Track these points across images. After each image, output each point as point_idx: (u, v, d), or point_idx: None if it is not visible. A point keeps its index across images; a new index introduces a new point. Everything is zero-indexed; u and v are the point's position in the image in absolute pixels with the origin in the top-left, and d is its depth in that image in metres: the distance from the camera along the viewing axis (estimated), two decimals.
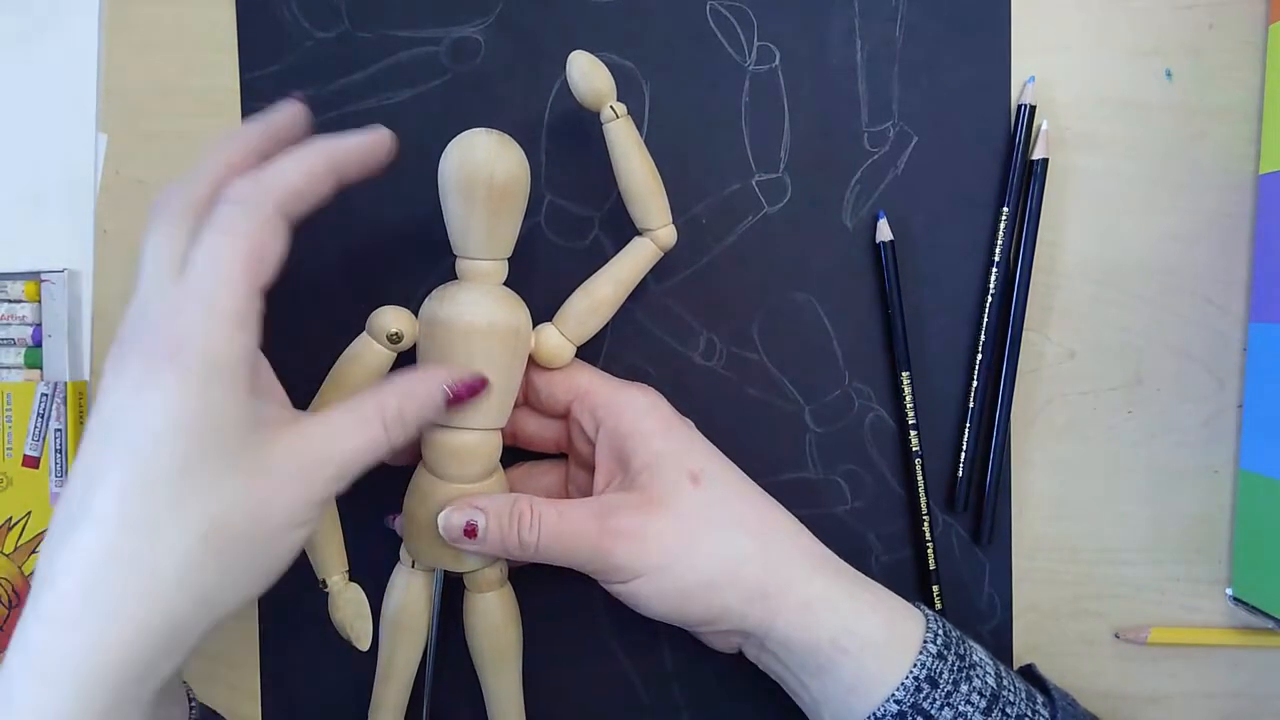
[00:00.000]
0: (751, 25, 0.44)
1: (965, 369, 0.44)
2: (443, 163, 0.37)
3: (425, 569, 0.40)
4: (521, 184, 0.37)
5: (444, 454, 0.38)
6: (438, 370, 0.36)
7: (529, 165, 0.37)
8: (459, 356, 0.37)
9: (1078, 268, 0.44)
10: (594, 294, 0.40)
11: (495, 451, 0.39)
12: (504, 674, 0.41)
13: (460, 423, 0.37)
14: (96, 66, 0.45)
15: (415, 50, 0.44)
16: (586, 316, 0.40)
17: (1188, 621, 0.45)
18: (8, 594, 0.44)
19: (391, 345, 0.38)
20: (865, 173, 0.44)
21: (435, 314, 0.37)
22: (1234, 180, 0.44)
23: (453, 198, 0.37)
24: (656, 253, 0.40)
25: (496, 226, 0.37)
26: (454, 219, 0.37)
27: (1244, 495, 0.44)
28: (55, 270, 0.44)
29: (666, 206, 0.40)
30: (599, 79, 0.38)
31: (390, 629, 0.40)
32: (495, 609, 0.40)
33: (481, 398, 0.37)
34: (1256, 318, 0.44)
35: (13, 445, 0.44)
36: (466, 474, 0.38)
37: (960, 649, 0.37)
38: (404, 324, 0.38)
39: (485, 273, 0.38)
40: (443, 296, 0.38)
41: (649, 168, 0.39)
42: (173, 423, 0.29)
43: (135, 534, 0.29)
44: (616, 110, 0.38)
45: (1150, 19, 0.44)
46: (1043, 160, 0.43)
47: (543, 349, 0.39)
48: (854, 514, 0.45)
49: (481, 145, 0.36)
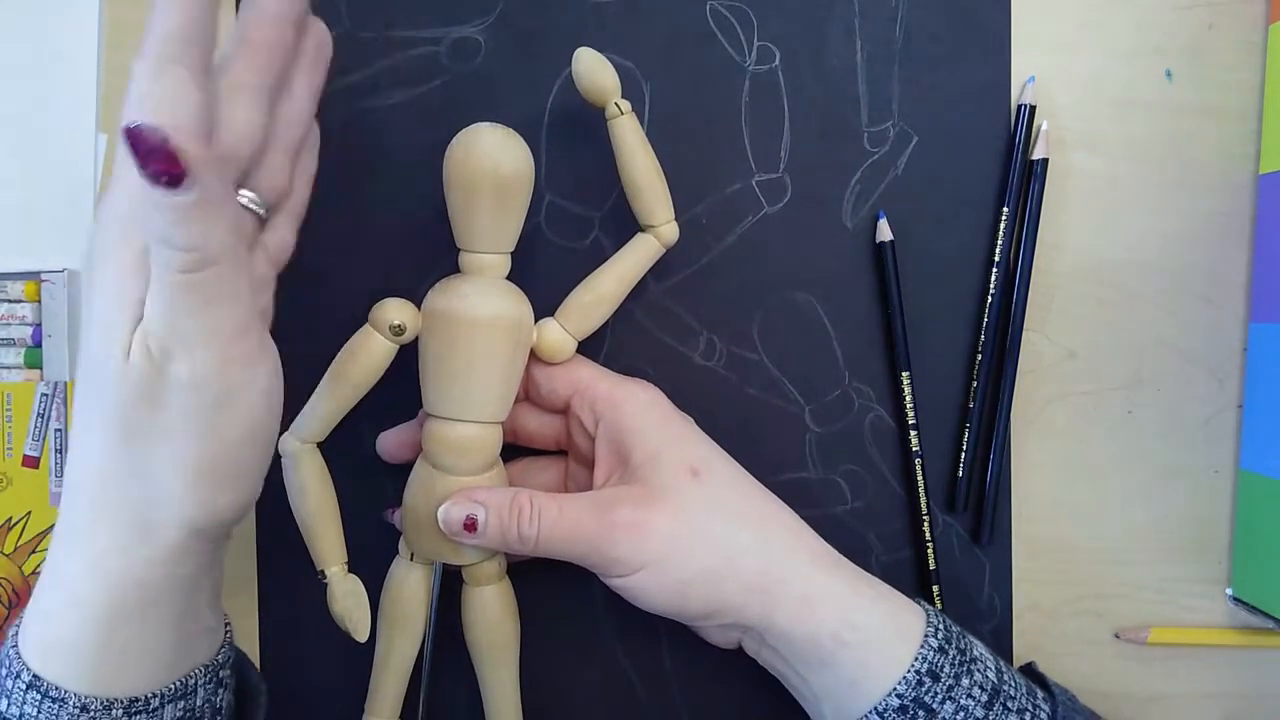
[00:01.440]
0: (752, 25, 0.44)
1: (965, 369, 0.44)
2: (448, 156, 0.37)
3: (424, 562, 0.40)
4: (526, 178, 0.37)
5: (444, 446, 0.38)
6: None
7: (533, 159, 0.37)
8: (461, 348, 0.37)
9: (1078, 268, 0.44)
10: (596, 289, 0.40)
11: (496, 444, 0.39)
12: (501, 668, 0.41)
13: (461, 415, 0.38)
14: (96, 66, 0.45)
15: (416, 50, 0.44)
16: (589, 311, 0.40)
17: (1188, 621, 0.45)
18: (8, 594, 0.44)
19: (394, 337, 0.38)
20: (865, 173, 0.44)
21: (437, 306, 0.38)
22: (1234, 180, 0.44)
23: (457, 191, 0.37)
24: (659, 249, 0.40)
25: (500, 220, 0.37)
26: (458, 212, 0.37)
27: (1244, 495, 0.44)
28: (55, 270, 0.44)
29: (669, 203, 0.40)
30: (605, 76, 0.38)
31: (388, 621, 0.40)
32: (493, 603, 0.40)
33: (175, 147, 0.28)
34: (1256, 318, 0.44)
35: (13, 445, 0.44)
36: (467, 467, 0.38)
37: (961, 643, 0.37)
38: (407, 316, 0.38)
39: (488, 266, 0.38)
40: (445, 289, 0.38)
41: (653, 164, 0.39)
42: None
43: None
44: (621, 107, 0.38)
45: (1150, 19, 0.44)
46: (1043, 160, 0.43)
47: (545, 343, 0.40)
48: (854, 514, 0.45)
49: (487, 139, 0.36)
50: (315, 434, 0.39)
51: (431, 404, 0.38)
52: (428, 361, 0.38)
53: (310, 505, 0.39)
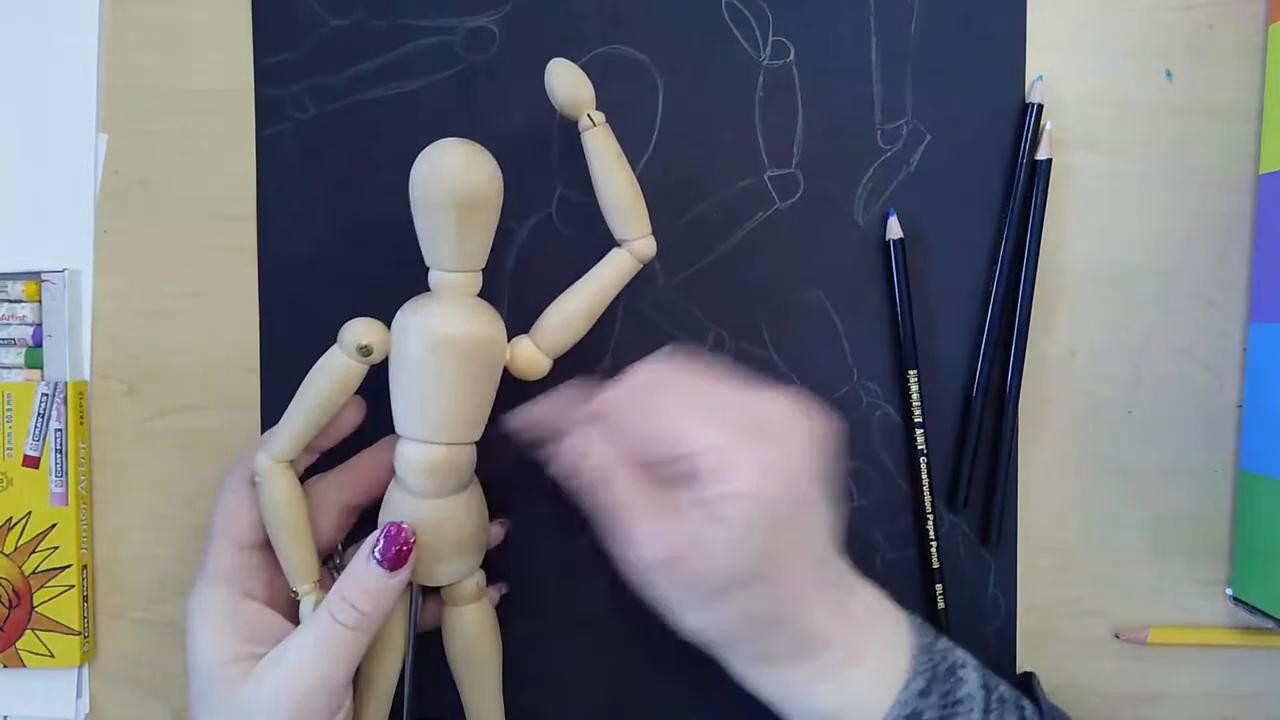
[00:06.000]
0: (766, 20, 0.44)
1: (970, 367, 0.44)
2: (413, 173, 0.36)
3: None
4: (491, 197, 0.36)
5: (415, 469, 0.37)
6: (363, 545, 0.37)
7: (502, 175, 0.36)
8: (429, 369, 0.36)
9: (1079, 267, 0.45)
10: (568, 307, 0.39)
11: (469, 465, 0.38)
12: (483, 686, 0.41)
13: (432, 437, 0.37)
14: (96, 66, 0.45)
15: (430, 39, 0.44)
16: (561, 329, 0.39)
17: (1188, 621, 0.45)
18: (8, 594, 0.44)
19: (362, 358, 0.37)
20: (878, 170, 0.44)
21: (406, 325, 0.37)
22: (1234, 180, 0.44)
23: (421, 210, 0.36)
24: (635, 264, 0.39)
25: (466, 239, 0.36)
26: (424, 231, 0.36)
27: (1244, 495, 0.44)
28: (55, 270, 0.44)
29: (645, 217, 0.39)
30: (580, 87, 0.37)
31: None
32: (473, 623, 0.40)
33: (414, 546, 0.37)
34: (1256, 318, 0.44)
35: (13, 445, 0.44)
36: (439, 489, 0.38)
37: (946, 684, 0.37)
38: (375, 336, 0.37)
39: (456, 285, 0.37)
40: (415, 308, 0.37)
41: (627, 177, 0.38)
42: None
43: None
44: (594, 119, 0.38)
45: (1150, 19, 0.44)
46: (1047, 160, 0.43)
47: (518, 362, 0.39)
48: (860, 512, 0.44)
49: (452, 155, 0.35)
50: (287, 452, 0.38)
51: (402, 425, 0.37)
52: (397, 382, 0.37)
53: (283, 523, 0.38)
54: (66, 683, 0.45)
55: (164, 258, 0.45)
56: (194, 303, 0.45)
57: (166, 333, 0.45)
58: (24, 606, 0.44)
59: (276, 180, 0.44)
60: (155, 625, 0.45)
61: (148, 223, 0.45)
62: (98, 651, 0.45)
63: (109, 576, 0.45)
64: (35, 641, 0.44)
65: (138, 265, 0.45)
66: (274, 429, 0.39)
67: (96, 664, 0.45)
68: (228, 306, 0.45)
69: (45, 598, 0.44)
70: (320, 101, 0.44)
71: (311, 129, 0.44)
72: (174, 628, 0.45)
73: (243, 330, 0.44)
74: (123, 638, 0.45)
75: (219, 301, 0.45)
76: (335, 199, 0.44)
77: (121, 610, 0.45)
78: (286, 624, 0.38)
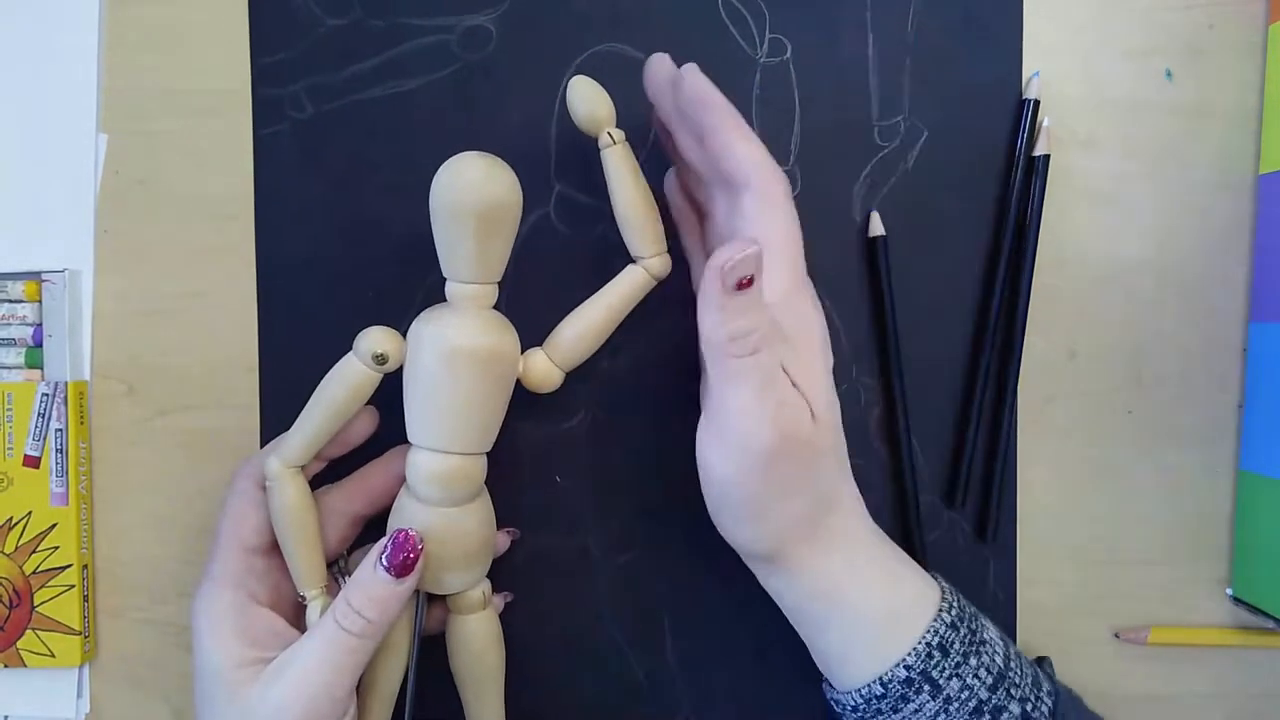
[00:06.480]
0: (763, 17, 0.44)
1: (969, 364, 0.44)
2: (433, 185, 0.36)
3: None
4: (511, 210, 0.36)
5: (426, 477, 0.37)
6: (370, 551, 0.37)
7: (521, 189, 0.36)
8: (444, 380, 0.36)
9: (1078, 267, 0.44)
10: (582, 322, 0.39)
11: (480, 475, 0.38)
12: (486, 694, 0.41)
13: (444, 446, 0.37)
14: (96, 66, 0.45)
15: (427, 38, 0.44)
16: (574, 343, 0.39)
17: (1188, 621, 0.45)
18: (8, 594, 0.44)
19: (377, 366, 0.37)
20: (875, 167, 0.44)
21: (421, 336, 0.37)
22: (1234, 180, 0.44)
23: (441, 221, 0.36)
24: (649, 281, 0.40)
25: (485, 251, 0.36)
26: (442, 243, 0.37)
27: (1244, 495, 0.44)
28: (55, 270, 0.44)
29: (661, 235, 0.39)
30: (599, 104, 0.38)
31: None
32: (478, 632, 0.40)
33: (421, 554, 0.37)
34: (1256, 318, 0.44)
35: (13, 445, 0.44)
36: (450, 498, 0.38)
37: (973, 624, 0.37)
38: (390, 345, 0.37)
39: (472, 296, 0.37)
40: (429, 318, 0.37)
41: (645, 195, 0.39)
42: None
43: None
44: (614, 136, 0.38)
45: (1150, 19, 0.44)
46: (1044, 157, 0.43)
47: (531, 375, 0.39)
48: None
49: (473, 169, 0.35)
50: (298, 457, 0.38)
51: (414, 434, 0.38)
52: (411, 391, 0.37)
53: (293, 528, 0.38)
54: (67, 683, 0.45)
55: (164, 258, 0.45)
56: (194, 303, 0.45)
57: (166, 333, 0.45)
58: (24, 606, 0.44)
59: (275, 180, 0.44)
60: (156, 625, 0.45)
61: (148, 223, 0.45)
62: (98, 651, 0.45)
63: (109, 576, 0.45)
64: (36, 641, 0.44)
65: (138, 265, 0.45)
66: (285, 434, 0.39)
67: (97, 664, 0.45)
68: (227, 306, 0.45)
69: (46, 597, 0.44)
70: (318, 101, 0.44)
71: (309, 128, 0.44)
72: (175, 628, 0.45)
73: (242, 330, 0.45)
74: (123, 638, 0.45)
75: (218, 301, 0.45)
76: (333, 198, 0.44)
77: (122, 610, 0.45)
78: (292, 629, 0.38)
